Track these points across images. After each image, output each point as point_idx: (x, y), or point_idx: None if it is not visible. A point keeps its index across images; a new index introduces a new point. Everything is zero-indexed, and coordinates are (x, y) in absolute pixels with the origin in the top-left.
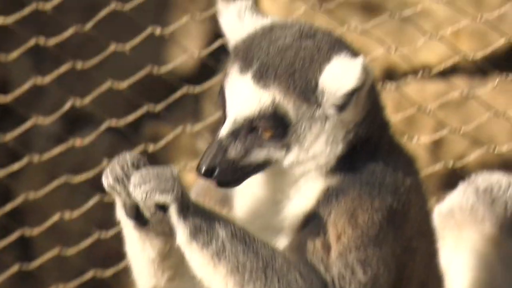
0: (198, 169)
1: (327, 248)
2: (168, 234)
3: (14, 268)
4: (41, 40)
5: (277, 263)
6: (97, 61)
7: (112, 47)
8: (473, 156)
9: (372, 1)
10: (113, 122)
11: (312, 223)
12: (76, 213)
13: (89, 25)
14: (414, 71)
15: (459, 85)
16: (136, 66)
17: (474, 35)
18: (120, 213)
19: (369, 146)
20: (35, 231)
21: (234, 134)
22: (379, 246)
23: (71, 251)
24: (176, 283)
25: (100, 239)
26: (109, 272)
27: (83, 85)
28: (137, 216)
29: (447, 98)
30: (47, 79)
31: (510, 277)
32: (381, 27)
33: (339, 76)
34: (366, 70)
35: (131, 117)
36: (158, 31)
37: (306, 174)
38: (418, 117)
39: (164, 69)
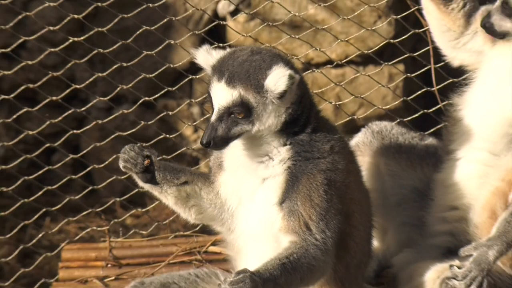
0: (201, 142)
1: (306, 224)
2: (178, 184)
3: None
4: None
5: None
6: (136, 61)
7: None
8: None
9: (295, 23)
10: (142, 100)
11: (287, 203)
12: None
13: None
14: (323, 63)
15: (351, 70)
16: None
17: (359, 40)
18: (140, 183)
19: (305, 122)
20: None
21: (220, 118)
22: (331, 207)
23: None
24: (204, 215)
25: None
26: None
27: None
28: (151, 180)
29: (344, 78)
30: (103, 73)
31: (395, 184)
32: (303, 38)
33: (276, 81)
34: (292, 76)
35: (156, 95)
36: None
37: (266, 137)
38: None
39: (175, 65)
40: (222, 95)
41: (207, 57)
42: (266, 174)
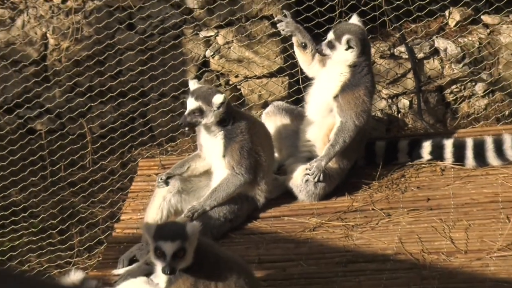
0: (179, 123)
1: (232, 166)
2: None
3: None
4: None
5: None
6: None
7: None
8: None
9: (240, 58)
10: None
11: (227, 155)
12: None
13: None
14: (253, 76)
15: (266, 79)
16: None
17: (268, 66)
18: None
19: (228, 121)
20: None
21: (188, 114)
22: (244, 156)
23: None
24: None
25: None
26: None
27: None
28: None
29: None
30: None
31: (284, 129)
32: (243, 65)
33: (217, 99)
34: (226, 98)
35: (179, 92)
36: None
37: (213, 128)
38: (254, 89)
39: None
40: (191, 104)
41: (192, 86)
42: (216, 143)
